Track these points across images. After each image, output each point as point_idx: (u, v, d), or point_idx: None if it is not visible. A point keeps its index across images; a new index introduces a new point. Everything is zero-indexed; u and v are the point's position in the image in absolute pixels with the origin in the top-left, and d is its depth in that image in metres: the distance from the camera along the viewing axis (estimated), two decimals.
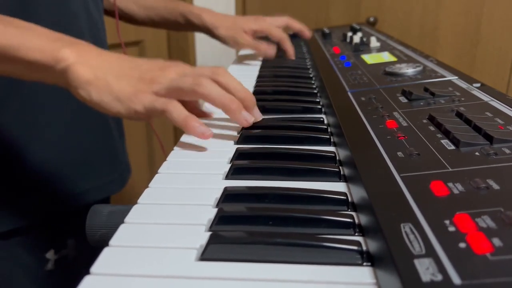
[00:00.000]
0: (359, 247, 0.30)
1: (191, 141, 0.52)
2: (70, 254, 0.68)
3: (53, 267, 0.66)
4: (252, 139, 0.51)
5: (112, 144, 0.74)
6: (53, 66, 0.46)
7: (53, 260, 0.65)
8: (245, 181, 0.42)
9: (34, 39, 0.46)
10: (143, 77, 0.47)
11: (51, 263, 0.65)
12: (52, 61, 0.46)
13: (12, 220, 0.61)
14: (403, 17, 1.33)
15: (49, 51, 0.46)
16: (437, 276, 0.23)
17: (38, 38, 0.47)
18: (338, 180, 0.41)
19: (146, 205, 0.37)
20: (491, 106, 0.46)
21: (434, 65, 0.66)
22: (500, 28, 1.23)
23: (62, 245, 0.67)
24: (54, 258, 0.65)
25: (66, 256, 0.67)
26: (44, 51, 0.46)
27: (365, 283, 0.28)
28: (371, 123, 0.47)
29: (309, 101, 0.64)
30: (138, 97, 0.46)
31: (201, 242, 0.32)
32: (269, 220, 0.34)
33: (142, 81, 0.47)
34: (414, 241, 0.26)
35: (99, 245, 0.34)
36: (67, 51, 0.46)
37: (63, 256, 0.67)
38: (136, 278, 0.29)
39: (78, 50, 0.47)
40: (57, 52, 0.45)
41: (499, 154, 0.35)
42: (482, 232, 0.26)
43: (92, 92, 0.46)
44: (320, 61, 0.82)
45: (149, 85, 0.47)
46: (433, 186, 0.32)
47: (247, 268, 0.29)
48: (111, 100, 0.46)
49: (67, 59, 0.45)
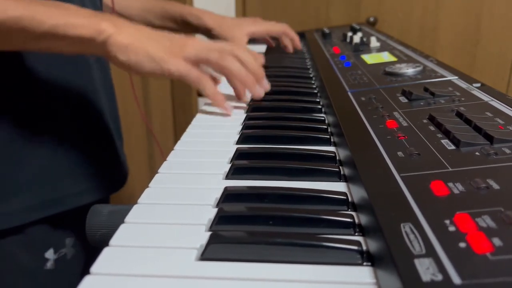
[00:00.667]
0: (359, 247, 0.30)
1: (191, 141, 0.52)
2: (69, 253, 0.68)
3: (53, 267, 0.66)
4: (252, 139, 0.51)
5: (110, 145, 0.74)
6: (95, 38, 0.52)
7: (52, 260, 0.65)
8: (245, 181, 0.42)
9: (75, 17, 0.52)
10: (175, 43, 0.55)
11: (51, 262, 0.65)
12: (95, 34, 0.52)
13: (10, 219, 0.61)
14: (403, 17, 1.33)
15: (91, 26, 0.52)
16: (437, 276, 0.23)
17: (78, 16, 0.52)
18: (338, 180, 0.41)
19: (146, 205, 0.37)
20: (491, 106, 0.46)
21: (434, 65, 0.66)
22: (500, 28, 1.23)
23: (61, 244, 0.67)
24: (53, 257, 0.66)
25: (65, 256, 0.67)
26: (87, 26, 0.51)
27: (365, 283, 0.28)
28: (371, 123, 0.47)
29: (309, 101, 0.64)
30: (171, 59, 0.54)
31: (201, 242, 0.32)
32: (269, 220, 0.34)
33: (173, 46, 0.55)
34: (414, 241, 0.26)
35: (99, 245, 0.34)
36: (106, 23, 0.52)
37: (63, 255, 0.67)
38: (136, 278, 0.29)
39: (114, 22, 0.53)
40: (98, 26, 0.52)
41: (499, 154, 0.35)
42: (482, 231, 0.26)
43: (130, 54, 0.53)
44: (320, 61, 0.82)
45: (180, 50, 0.55)
46: (433, 186, 0.32)
47: (247, 268, 0.29)
48: (147, 60, 0.53)
49: (107, 31, 0.52)
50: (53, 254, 0.66)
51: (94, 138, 0.70)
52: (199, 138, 0.53)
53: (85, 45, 0.53)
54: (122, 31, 0.53)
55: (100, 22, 0.52)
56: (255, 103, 0.64)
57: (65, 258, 0.67)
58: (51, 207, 0.64)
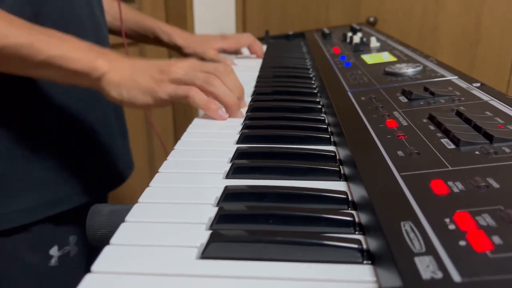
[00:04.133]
0: (359, 245, 0.30)
1: (191, 140, 0.52)
2: (72, 251, 0.68)
3: (57, 263, 0.66)
4: (252, 139, 0.51)
5: (113, 142, 0.74)
6: (89, 74, 0.54)
7: (56, 257, 0.66)
8: (245, 180, 0.42)
9: (73, 50, 0.53)
10: (162, 69, 0.56)
11: (55, 259, 0.66)
12: (89, 70, 0.53)
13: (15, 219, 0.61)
14: (403, 17, 1.33)
15: (87, 61, 0.53)
16: (437, 273, 0.23)
17: (76, 49, 0.54)
18: (338, 179, 0.41)
19: (147, 204, 0.37)
20: (491, 105, 0.46)
21: (434, 65, 0.66)
22: (500, 28, 1.23)
23: (65, 242, 0.67)
24: (57, 254, 0.66)
25: (69, 253, 0.68)
26: (83, 61, 0.53)
27: (365, 281, 0.28)
28: (371, 123, 0.47)
29: (309, 101, 0.65)
30: (160, 86, 0.55)
31: (201, 241, 0.32)
32: (270, 219, 0.34)
33: (161, 73, 0.55)
34: (414, 239, 0.26)
35: (99, 244, 0.34)
36: (101, 61, 0.54)
37: (66, 252, 0.67)
38: (137, 276, 0.29)
39: (109, 59, 0.55)
40: (94, 63, 0.53)
41: (499, 153, 0.35)
42: (482, 230, 0.26)
43: (122, 91, 0.54)
44: (320, 61, 0.82)
45: (166, 75, 0.55)
46: (433, 184, 0.32)
47: (248, 266, 0.29)
48: (139, 94, 0.55)
49: (101, 68, 0.54)
50: (57, 251, 0.66)
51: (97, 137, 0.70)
52: (200, 137, 0.53)
53: (80, 78, 0.54)
54: (115, 67, 0.54)
55: (96, 59, 0.54)
56: (256, 103, 0.64)
57: (69, 255, 0.68)
58: (55, 207, 0.65)
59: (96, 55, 0.54)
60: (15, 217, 0.61)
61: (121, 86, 0.54)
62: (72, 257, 0.68)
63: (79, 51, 0.53)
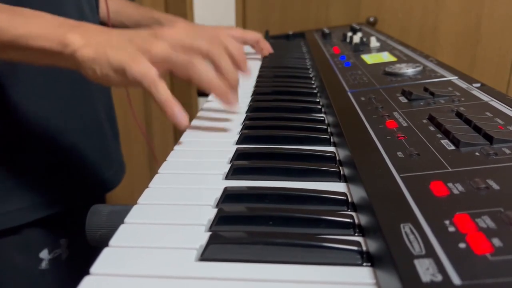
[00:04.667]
0: (359, 247, 0.30)
1: (191, 141, 0.52)
2: (63, 254, 0.68)
3: (48, 267, 0.66)
4: (252, 139, 0.51)
5: (105, 143, 0.74)
6: (61, 51, 0.47)
7: (47, 260, 0.65)
8: (245, 181, 0.42)
9: (40, 27, 0.48)
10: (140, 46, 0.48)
11: (45, 262, 0.65)
12: (59, 47, 0.47)
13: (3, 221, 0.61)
14: (403, 17, 1.33)
15: (56, 38, 0.47)
16: (437, 276, 0.23)
17: (44, 26, 0.48)
18: (338, 180, 0.41)
19: (146, 205, 0.37)
20: (491, 106, 0.46)
21: (434, 65, 0.66)
22: (500, 28, 1.23)
23: (55, 244, 0.67)
24: (48, 257, 0.66)
25: (60, 256, 0.67)
26: (51, 39, 0.47)
27: (365, 283, 0.28)
28: (371, 123, 0.46)
29: (309, 101, 0.64)
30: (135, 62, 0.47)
31: (201, 242, 0.32)
32: (269, 220, 0.34)
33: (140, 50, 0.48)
34: (414, 241, 0.26)
35: (99, 245, 0.34)
36: (72, 36, 0.47)
37: (57, 255, 0.67)
38: (136, 278, 0.28)
39: (82, 32, 0.48)
40: (63, 38, 0.47)
41: (499, 154, 0.35)
42: (482, 232, 0.26)
43: (96, 68, 0.47)
44: (320, 61, 0.82)
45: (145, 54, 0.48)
46: (433, 186, 0.32)
47: (247, 268, 0.29)
48: (111, 71, 0.47)
49: (74, 43, 0.47)
50: (47, 254, 0.65)
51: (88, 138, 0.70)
52: (199, 138, 0.53)
53: (53, 57, 0.49)
54: (90, 41, 0.47)
55: (66, 34, 0.47)
56: (255, 103, 0.64)
57: (60, 258, 0.67)
58: (46, 208, 0.64)
59: (68, 29, 0.48)
60: (4, 219, 0.60)
61: (96, 63, 0.47)
62: (64, 260, 0.68)
63: (47, 28, 0.48)
